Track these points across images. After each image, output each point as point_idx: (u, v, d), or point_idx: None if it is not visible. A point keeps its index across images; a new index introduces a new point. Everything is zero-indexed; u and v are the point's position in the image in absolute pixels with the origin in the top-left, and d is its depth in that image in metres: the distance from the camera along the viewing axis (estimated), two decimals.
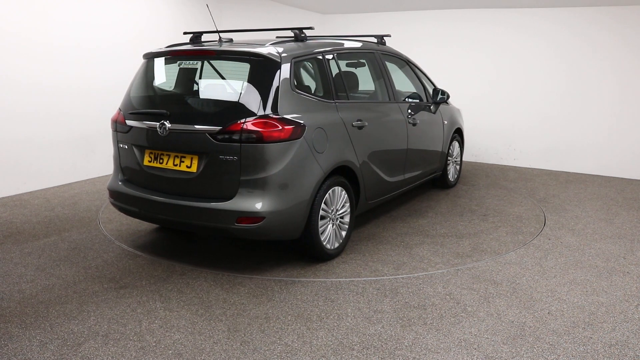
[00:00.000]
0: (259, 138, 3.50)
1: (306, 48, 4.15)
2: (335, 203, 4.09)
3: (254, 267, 4.00)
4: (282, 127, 3.57)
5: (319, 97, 4.10)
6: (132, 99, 4.18)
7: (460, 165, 6.76)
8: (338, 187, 4.09)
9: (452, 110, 6.36)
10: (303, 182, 3.73)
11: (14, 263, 4.03)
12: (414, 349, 2.89)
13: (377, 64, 5.04)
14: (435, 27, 8.54)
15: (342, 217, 4.20)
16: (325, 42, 4.50)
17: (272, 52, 3.78)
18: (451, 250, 4.35)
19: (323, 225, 3.98)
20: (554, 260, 4.20)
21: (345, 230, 4.26)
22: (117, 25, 6.80)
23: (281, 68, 3.71)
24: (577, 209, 5.69)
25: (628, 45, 7.17)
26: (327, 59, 4.29)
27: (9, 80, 5.72)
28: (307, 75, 4.45)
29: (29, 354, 2.81)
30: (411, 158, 5.27)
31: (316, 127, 3.84)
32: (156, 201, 3.85)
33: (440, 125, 5.91)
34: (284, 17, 9.02)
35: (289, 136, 3.61)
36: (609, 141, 7.45)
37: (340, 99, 4.29)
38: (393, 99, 5.05)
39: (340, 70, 4.48)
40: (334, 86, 4.26)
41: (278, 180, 3.59)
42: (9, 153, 5.80)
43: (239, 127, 3.52)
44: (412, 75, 5.72)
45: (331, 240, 4.09)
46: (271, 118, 3.57)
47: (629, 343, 2.97)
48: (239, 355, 2.83)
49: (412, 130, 5.22)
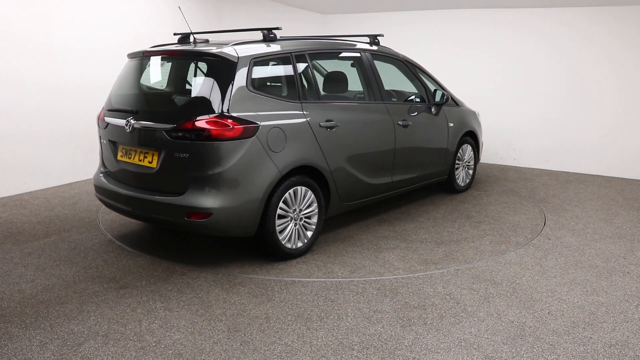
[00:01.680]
0: (208, 136, 3.61)
1: (272, 48, 4.19)
2: (298, 203, 4.12)
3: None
4: (232, 126, 3.66)
5: (282, 97, 4.14)
6: (111, 97, 4.44)
7: (474, 170, 6.48)
8: (302, 187, 4.12)
9: (462, 113, 6.13)
10: (255, 180, 3.78)
11: (14, 263, 4.03)
12: (414, 349, 2.89)
13: (363, 64, 4.96)
14: (435, 27, 8.54)
15: (308, 217, 4.23)
16: (296, 42, 4.45)
17: (229, 53, 3.86)
18: (420, 257, 4.22)
19: (282, 224, 4.03)
20: (554, 260, 4.20)
21: (312, 230, 4.27)
22: (118, 25, 6.80)
23: (237, 68, 3.80)
24: (577, 209, 5.69)
25: (628, 45, 7.17)
26: (295, 59, 4.28)
27: (9, 80, 5.72)
28: (270, 76, 4.41)
29: (29, 354, 2.81)
30: (401, 160, 5.14)
31: (272, 127, 3.88)
32: (123, 194, 4.08)
33: (443, 127, 5.74)
34: (284, 17, 9.01)
35: (239, 135, 3.69)
36: (609, 141, 7.45)
37: (308, 99, 4.29)
38: (380, 100, 4.96)
39: (311, 71, 4.46)
40: (301, 86, 4.28)
41: (227, 178, 3.68)
42: (9, 153, 5.80)
43: (191, 125, 3.65)
44: (411, 76, 5.61)
45: (293, 239, 4.13)
46: (222, 117, 3.66)
47: (629, 343, 2.97)
48: (239, 355, 2.83)
49: (402, 132, 5.09)
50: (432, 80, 5.85)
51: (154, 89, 4.31)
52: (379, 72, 5.14)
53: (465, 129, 6.11)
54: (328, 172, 4.32)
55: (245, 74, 3.83)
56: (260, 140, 3.80)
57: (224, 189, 3.69)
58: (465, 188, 6.37)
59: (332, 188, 4.41)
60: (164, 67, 4.28)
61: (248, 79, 3.85)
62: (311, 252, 4.32)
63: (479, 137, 6.46)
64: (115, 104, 4.33)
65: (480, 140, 6.52)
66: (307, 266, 4.05)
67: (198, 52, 4.05)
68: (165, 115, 3.90)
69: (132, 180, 4.12)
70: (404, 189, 5.40)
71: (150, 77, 4.31)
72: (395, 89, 5.77)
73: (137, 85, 4.37)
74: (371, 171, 4.82)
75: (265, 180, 3.82)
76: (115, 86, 4.48)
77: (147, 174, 3.95)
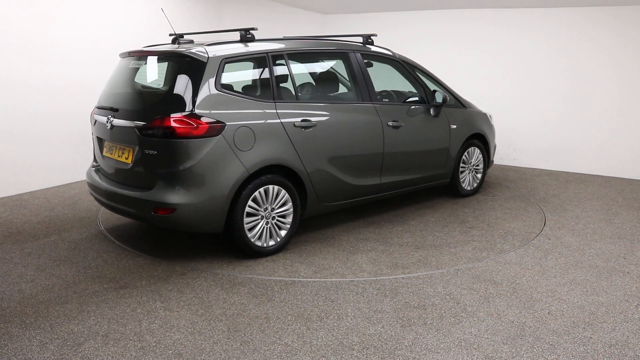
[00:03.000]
0: (173, 134, 3.73)
1: (247, 49, 4.26)
2: (270, 202, 4.16)
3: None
4: (196, 124, 3.76)
5: (254, 97, 4.20)
6: (102, 95, 4.62)
7: (482, 174, 6.24)
8: (274, 186, 4.15)
9: (467, 115, 5.95)
10: (220, 178, 3.85)
11: (14, 263, 4.03)
12: (414, 349, 2.89)
13: (351, 64, 4.92)
14: (435, 27, 8.54)
15: (283, 216, 4.27)
16: (275, 42, 4.50)
17: (199, 53, 3.97)
18: (392, 261, 4.14)
19: (252, 222, 4.08)
20: (554, 260, 4.20)
21: (286, 229, 4.30)
22: (118, 25, 6.80)
23: (207, 68, 3.90)
24: (577, 209, 5.69)
25: (628, 45, 7.17)
26: (272, 60, 4.33)
27: (9, 80, 5.72)
28: (243, 76, 4.52)
29: (29, 354, 2.81)
30: (392, 162, 5.05)
31: (240, 126, 3.94)
32: (105, 188, 4.29)
33: (443, 129, 5.58)
34: (284, 17, 9.02)
35: (204, 133, 3.78)
36: (609, 141, 7.45)
37: (284, 99, 4.33)
38: (369, 100, 4.90)
39: (290, 71, 4.46)
40: (276, 86, 4.31)
41: (191, 175, 3.79)
42: (8, 153, 5.80)
43: (158, 123, 3.79)
44: (409, 76, 5.49)
45: (264, 238, 4.17)
46: (187, 115, 3.77)
47: (629, 343, 2.97)
48: (239, 355, 2.83)
49: (392, 133, 5.00)
50: (434, 81, 5.72)
51: (133, 88, 4.43)
52: (372, 72, 5.09)
53: (471, 132, 5.92)
54: (304, 172, 4.33)
55: (215, 74, 3.93)
56: (227, 138, 3.87)
57: (188, 185, 3.80)
58: (472, 192, 6.16)
59: (309, 188, 4.41)
60: (144, 67, 4.38)
61: (217, 79, 3.95)
62: (285, 251, 4.33)
63: (489, 140, 6.22)
64: (102, 101, 4.52)
65: (490, 144, 6.28)
66: (273, 264, 4.06)
67: (171, 53, 4.16)
68: (138, 113, 4.05)
69: (113, 175, 4.32)
70: (398, 191, 5.31)
71: (132, 76, 4.44)
72: (395, 90, 5.68)
73: (121, 84, 4.50)
74: (356, 172, 4.77)
75: (230, 178, 3.89)
76: (106, 85, 4.67)
77: (123, 169, 4.14)
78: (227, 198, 3.91)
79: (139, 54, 4.42)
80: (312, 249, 4.40)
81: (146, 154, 3.89)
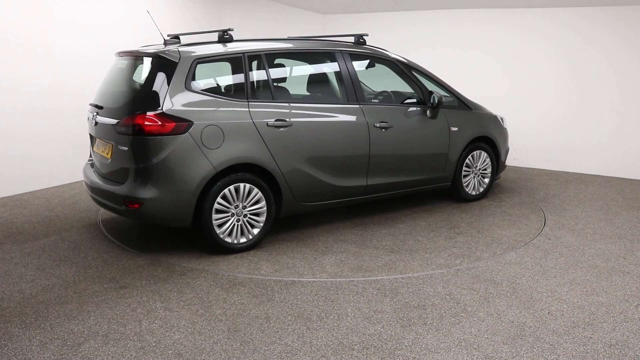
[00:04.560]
0: (141, 131, 3.91)
1: (223, 49, 4.37)
2: (241, 199, 4.22)
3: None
4: (162, 122, 3.92)
5: (227, 96, 4.30)
6: (96, 93, 4.80)
7: (490, 179, 5.98)
8: (245, 184, 4.22)
9: (472, 117, 5.77)
10: (186, 174, 3.99)
11: (14, 263, 4.04)
12: (414, 349, 2.89)
13: (337, 64, 4.89)
14: (435, 27, 8.53)
15: (257, 214, 4.33)
16: (253, 43, 4.56)
17: (171, 53, 4.13)
18: (357, 264, 4.08)
19: (222, 218, 4.16)
20: (554, 260, 4.21)
21: (259, 227, 4.35)
22: (118, 25, 6.80)
23: (177, 68, 4.06)
24: (577, 209, 5.69)
25: (629, 45, 7.17)
26: (248, 60, 4.40)
27: (10, 80, 5.72)
28: (215, 75, 4.64)
29: (29, 354, 2.81)
30: (379, 164, 4.97)
31: (208, 125, 4.05)
32: (93, 183, 4.49)
33: (441, 131, 5.42)
34: (284, 17, 9.01)
35: (170, 131, 3.93)
36: (609, 141, 7.44)
37: (259, 99, 4.41)
38: (355, 101, 4.85)
39: (267, 71, 4.50)
40: (250, 86, 4.37)
41: (158, 171, 3.96)
42: (9, 153, 5.80)
43: (129, 120, 3.99)
44: (404, 77, 5.36)
45: (235, 234, 4.24)
46: (156, 114, 3.93)
47: (629, 343, 2.97)
48: (239, 355, 2.83)
49: (379, 134, 4.91)
50: (435, 82, 5.57)
51: (115, 87, 4.56)
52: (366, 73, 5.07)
53: (475, 134, 5.72)
54: (277, 172, 4.36)
55: (185, 74, 4.07)
56: (193, 136, 3.99)
57: (154, 181, 3.97)
58: (478, 197, 5.92)
59: (284, 187, 4.44)
60: (127, 66, 4.53)
61: (188, 79, 4.08)
62: (258, 248, 4.36)
63: (498, 144, 5.96)
64: (94, 99, 4.74)
65: (500, 148, 6.02)
66: (237, 260, 4.13)
67: (148, 53, 4.31)
68: (116, 110, 4.24)
69: (100, 169, 4.54)
70: (390, 194, 5.21)
71: (117, 75, 4.60)
72: (395, 91, 5.61)
73: (108, 83, 4.67)
74: (338, 173, 4.73)
75: (197, 175, 4.00)
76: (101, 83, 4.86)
77: (105, 164, 4.37)
78: (194, 194, 4.02)
79: (125, 54, 4.57)
80: (285, 248, 4.42)
81: (120, 149, 4.09)
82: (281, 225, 4.90)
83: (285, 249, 4.41)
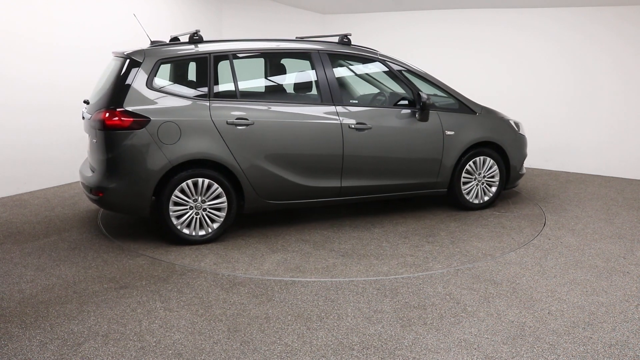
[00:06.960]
0: (103, 126, 4.25)
1: (190, 50, 4.59)
2: (200, 194, 4.41)
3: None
4: (120, 118, 4.22)
5: (188, 94, 4.55)
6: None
7: (498, 188, 5.58)
8: (204, 179, 4.40)
9: (475, 121, 5.45)
10: (142, 167, 4.28)
11: (14, 263, 4.04)
12: (414, 349, 2.89)
13: (313, 64, 4.87)
14: (435, 27, 8.54)
15: (218, 209, 4.49)
16: (222, 44, 4.73)
17: (137, 54, 4.43)
18: (295, 265, 4.04)
19: (180, 211, 4.39)
20: (554, 260, 4.21)
21: (219, 222, 4.50)
22: (118, 25, 6.80)
23: (141, 67, 4.36)
24: (577, 209, 5.69)
25: (630, 45, 7.17)
26: (213, 60, 4.58)
27: (10, 80, 5.72)
28: (179, 75, 5.03)
29: (29, 354, 2.81)
30: (356, 166, 4.87)
31: (165, 121, 4.30)
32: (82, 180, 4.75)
33: (434, 135, 5.17)
34: (284, 17, 9.02)
35: (127, 126, 4.23)
36: (609, 141, 7.44)
37: (222, 98, 4.57)
38: (330, 101, 4.80)
39: (233, 71, 4.62)
40: (214, 85, 4.56)
41: (116, 163, 4.30)
42: (9, 153, 5.80)
43: (96, 116, 4.34)
44: (393, 77, 5.19)
45: (193, 227, 4.45)
46: (115, 110, 4.24)
47: (629, 343, 2.97)
48: (239, 355, 2.83)
49: (354, 135, 4.81)
50: (432, 84, 5.34)
51: (100, 85, 4.79)
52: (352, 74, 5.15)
53: (477, 139, 5.38)
54: (237, 169, 4.48)
55: (148, 73, 4.36)
56: (150, 132, 4.26)
57: (112, 172, 4.31)
58: (481, 206, 5.55)
59: (245, 184, 4.55)
60: (112, 66, 4.74)
61: (150, 77, 4.37)
62: (216, 242, 4.50)
63: (507, 151, 5.56)
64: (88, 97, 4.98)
65: (510, 155, 5.58)
66: (185, 253, 4.27)
67: (119, 54, 4.62)
68: (92, 107, 4.56)
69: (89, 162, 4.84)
70: (371, 197, 5.10)
71: (105, 74, 4.84)
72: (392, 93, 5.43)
73: (99, 81, 4.92)
74: (306, 173, 4.71)
75: (153, 168, 4.27)
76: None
77: (89, 157, 4.76)
78: (149, 186, 4.29)
79: (114, 54, 4.84)
80: (243, 244, 4.49)
81: (93, 142, 4.46)
82: (256, 222, 5.03)
83: (243, 244, 4.48)
